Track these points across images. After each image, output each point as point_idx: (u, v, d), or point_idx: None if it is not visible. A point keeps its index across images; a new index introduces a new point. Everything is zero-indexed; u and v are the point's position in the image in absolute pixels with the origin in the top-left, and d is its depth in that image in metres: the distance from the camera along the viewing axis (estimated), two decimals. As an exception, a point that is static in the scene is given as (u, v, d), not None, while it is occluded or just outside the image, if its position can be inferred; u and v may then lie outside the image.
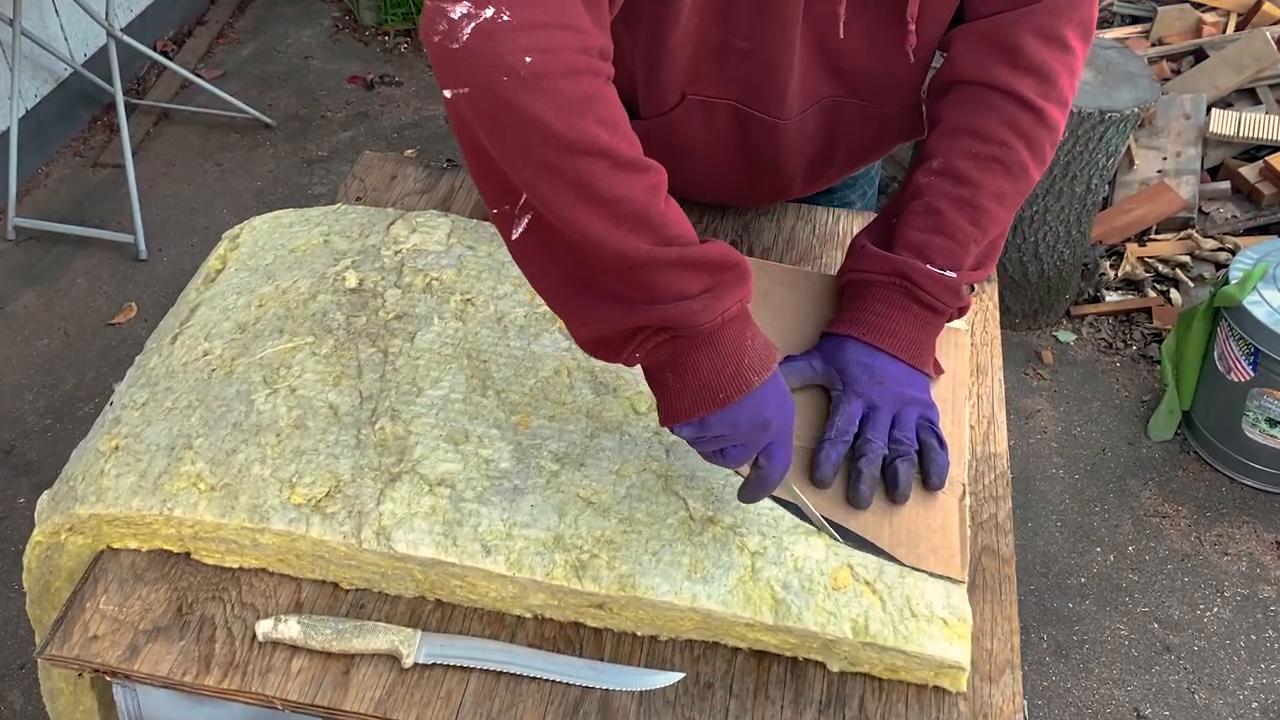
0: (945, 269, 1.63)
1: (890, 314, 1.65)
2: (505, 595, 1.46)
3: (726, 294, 1.31)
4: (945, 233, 1.64)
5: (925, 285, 1.63)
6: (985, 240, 1.67)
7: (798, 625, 1.38)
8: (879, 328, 1.64)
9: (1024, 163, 1.66)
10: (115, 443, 1.56)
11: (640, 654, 1.46)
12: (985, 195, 1.65)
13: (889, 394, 1.60)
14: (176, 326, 1.72)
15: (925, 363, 1.65)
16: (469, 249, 1.78)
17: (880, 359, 1.63)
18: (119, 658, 1.43)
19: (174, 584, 1.51)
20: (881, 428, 1.57)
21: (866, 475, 1.53)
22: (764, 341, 1.37)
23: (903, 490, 1.53)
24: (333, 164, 4.73)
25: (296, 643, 1.43)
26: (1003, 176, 1.65)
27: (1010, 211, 1.68)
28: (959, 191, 1.65)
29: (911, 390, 1.62)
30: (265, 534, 1.46)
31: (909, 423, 1.58)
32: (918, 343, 1.65)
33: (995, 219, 1.66)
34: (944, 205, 1.65)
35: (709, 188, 1.99)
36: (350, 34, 5.55)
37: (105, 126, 4.83)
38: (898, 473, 1.53)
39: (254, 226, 1.89)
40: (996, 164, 1.65)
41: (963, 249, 1.64)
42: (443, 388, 1.58)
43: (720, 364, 1.31)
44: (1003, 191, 1.66)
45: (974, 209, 1.65)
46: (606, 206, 1.23)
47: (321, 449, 1.52)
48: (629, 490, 1.49)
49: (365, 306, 1.68)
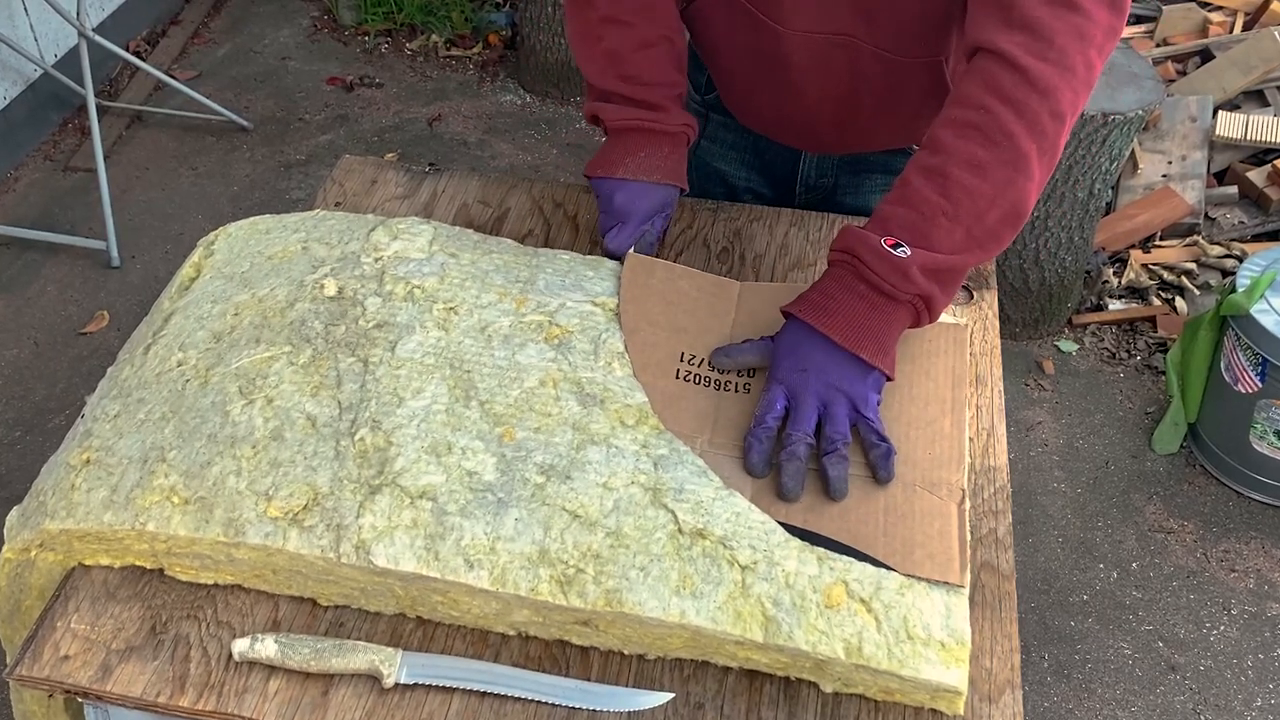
0: (905, 243, 1.57)
1: (832, 291, 1.62)
2: (489, 612, 1.47)
3: (633, 114, 1.95)
4: (909, 203, 1.60)
5: (870, 263, 1.58)
6: (960, 214, 1.58)
7: (788, 644, 1.38)
8: (817, 305, 1.62)
9: (1008, 130, 1.57)
10: (86, 456, 1.56)
11: (629, 673, 1.47)
12: (956, 163, 1.58)
13: (812, 382, 1.58)
14: (150, 336, 1.72)
15: (867, 350, 1.58)
16: (451, 256, 1.78)
17: (812, 340, 1.60)
18: (91, 678, 1.43)
19: (147, 602, 1.51)
20: (802, 420, 1.56)
21: (788, 470, 1.54)
22: (651, 163, 1.92)
23: (835, 489, 1.53)
24: (311, 168, 4.73)
25: (274, 662, 1.43)
26: (979, 143, 1.58)
27: (994, 185, 1.58)
28: (929, 160, 1.61)
29: (843, 380, 1.58)
30: (241, 548, 1.46)
31: (839, 417, 1.56)
32: (860, 327, 1.59)
33: (970, 191, 1.57)
34: (912, 174, 1.62)
35: (749, 109, 2.09)
36: (329, 34, 5.56)
37: (76, 129, 4.83)
38: (826, 471, 1.53)
39: (230, 233, 1.89)
40: (973, 129, 1.59)
41: (927, 221, 1.58)
42: (424, 398, 1.58)
43: (612, 149, 1.95)
44: (978, 160, 1.57)
45: (943, 177, 1.58)
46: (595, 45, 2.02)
47: (299, 461, 1.52)
48: (616, 503, 1.49)
49: (345, 315, 1.68)
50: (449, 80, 5.29)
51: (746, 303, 1.78)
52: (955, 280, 1.63)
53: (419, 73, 5.32)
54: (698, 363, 1.69)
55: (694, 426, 1.61)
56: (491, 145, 4.89)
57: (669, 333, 1.72)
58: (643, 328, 1.71)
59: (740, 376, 1.67)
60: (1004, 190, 1.59)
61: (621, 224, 1.90)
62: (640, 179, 1.91)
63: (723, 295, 1.79)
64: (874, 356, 1.58)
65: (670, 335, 1.71)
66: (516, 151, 4.86)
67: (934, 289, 1.59)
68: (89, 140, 4.39)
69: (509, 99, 5.18)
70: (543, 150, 4.88)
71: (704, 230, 2.04)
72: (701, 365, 1.69)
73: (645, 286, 1.77)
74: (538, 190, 2.12)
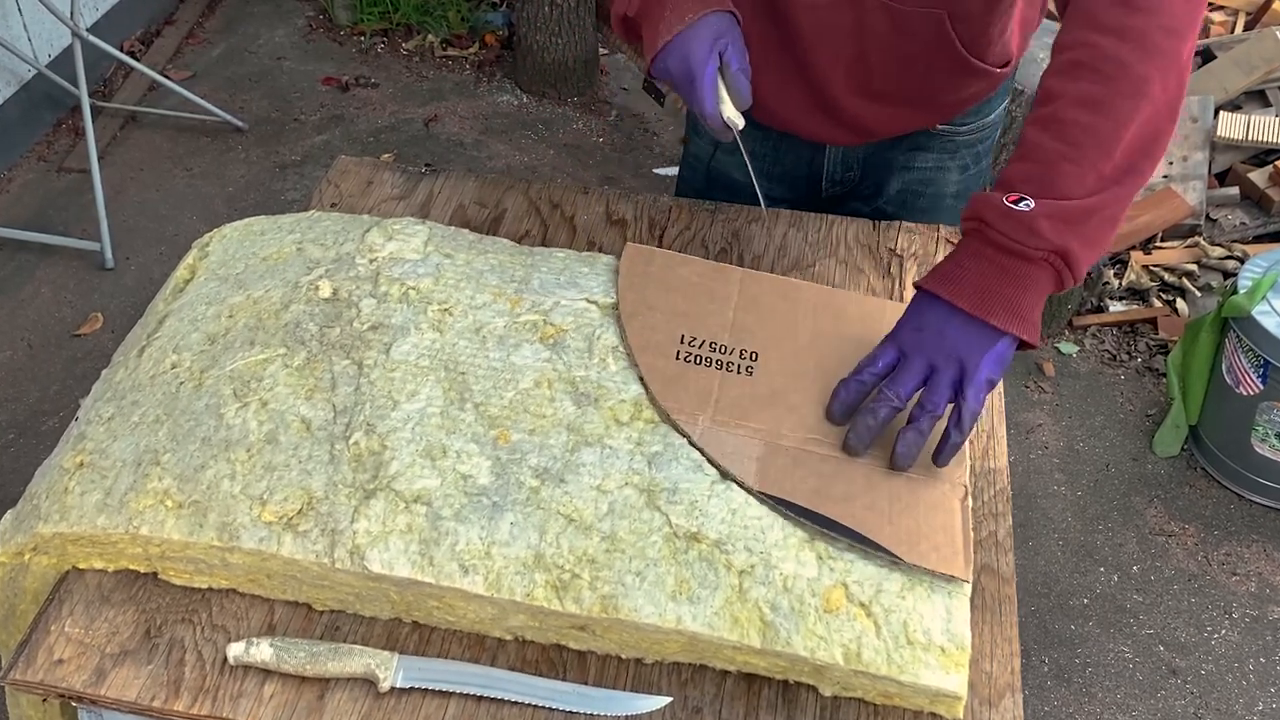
0: (1029, 196, 1.49)
1: (960, 259, 1.56)
2: (484, 616, 1.47)
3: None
4: (1027, 157, 1.53)
5: (994, 222, 1.51)
6: (1084, 155, 1.50)
7: (786, 649, 1.38)
8: (945, 274, 1.56)
9: (1118, 57, 1.50)
10: (80, 459, 1.56)
11: (626, 677, 1.47)
12: (1069, 104, 1.51)
13: (926, 342, 1.54)
14: (144, 338, 1.72)
15: (998, 315, 1.51)
16: (447, 257, 1.78)
17: (936, 308, 1.55)
18: (85, 682, 1.43)
19: (142, 605, 1.51)
20: (901, 381, 1.54)
21: (860, 425, 1.54)
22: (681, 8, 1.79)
23: (900, 460, 1.52)
24: (306, 169, 4.73)
25: (269, 666, 1.43)
26: (1090, 79, 1.51)
27: (1115, 118, 1.49)
28: (1041, 110, 1.54)
29: (959, 346, 1.53)
30: (235, 553, 1.47)
31: (940, 386, 1.52)
32: (989, 291, 1.52)
33: (1090, 129, 1.49)
34: (1027, 129, 1.54)
35: (764, 98, 1.98)
36: (324, 34, 5.55)
37: (70, 130, 4.83)
38: (902, 440, 1.52)
39: (224, 234, 1.89)
40: (1080, 67, 1.52)
41: (1049, 169, 1.50)
42: (419, 401, 1.58)
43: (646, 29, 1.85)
44: (1092, 96, 1.50)
45: (1058, 123, 1.51)
46: None
47: (294, 464, 1.52)
48: (611, 506, 1.49)
49: (340, 317, 1.68)
50: (445, 80, 5.29)
51: (748, 290, 1.78)
52: (1098, 229, 1.53)
53: (415, 73, 5.32)
54: (698, 344, 1.69)
55: (696, 405, 1.61)
56: (488, 146, 4.89)
57: (668, 316, 1.72)
58: (642, 312, 1.72)
59: (744, 358, 1.68)
60: (1128, 121, 1.50)
61: (691, 83, 1.80)
62: (676, 31, 1.79)
63: (723, 281, 1.80)
64: (1006, 322, 1.51)
65: (670, 319, 1.72)
66: (513, 152, 4.86)
67: (1069, 241, 1.49)
68: (83, 141, 4.39)
69: (505, 99, 5.18)
70: (539, 151, 4.88)
71: (702, 231, 2.04)
72: (702, 346, 1.69)
73: (644, 274, 1.78)
74: (534, 191, 2.12)
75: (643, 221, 2.05)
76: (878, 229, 2.04)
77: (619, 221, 2.05)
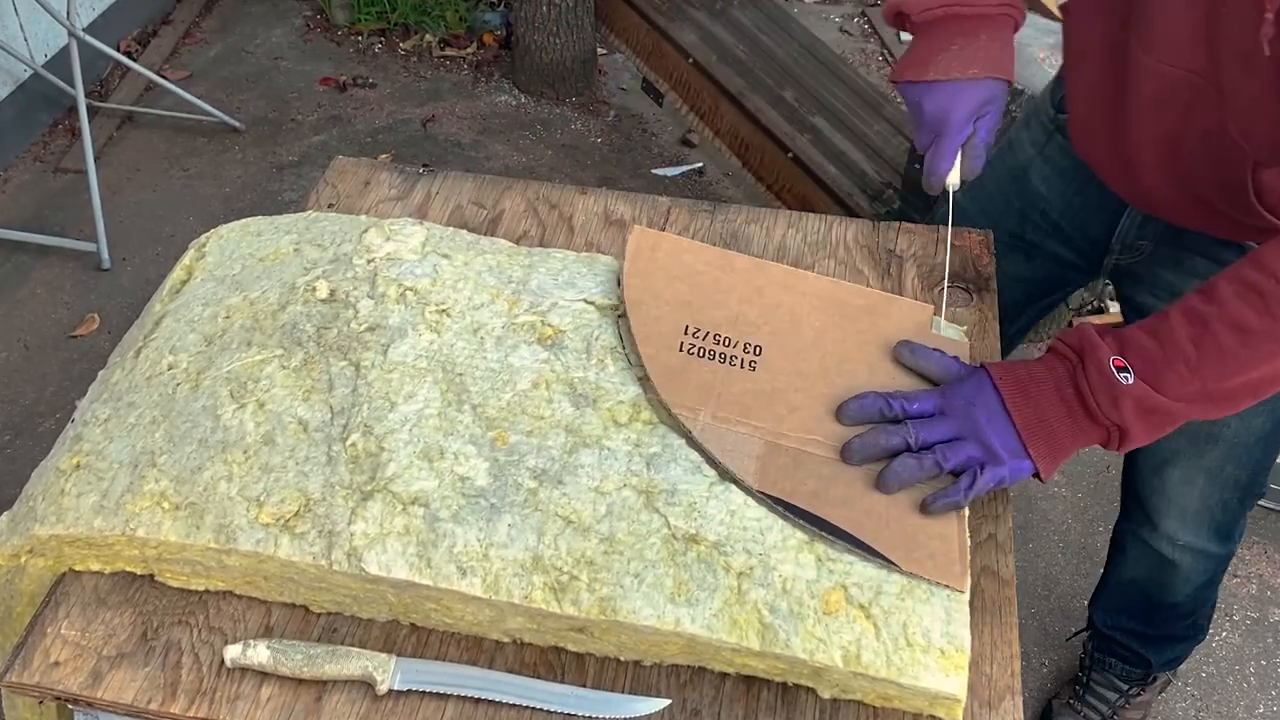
0: (1134, 371, 1.50)
1: (1040, 377, 1.57)
2: (482, 619, 1.47)
3: None
4: (1158, 336, 1.52)
5: (1089, 373, 1.53)
6: (1204, 369, 1.50)
7: (785, 651, 1.38)
8: (1019, 381, 1.57)
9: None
10: (76, 460, 1.56)
11: (625, 679, 1.47)
12: (1223, 319, 1.49)
13: (968, 421, 1.56)
14: (140, 339, 1.72)
15: (1037, 447, 1.54)
16: (444, 258, 1.78)
17: (993, 406, 1.56)
18: (81, 684, 1.43)
19: (138, 607, 1.51)
20: (931, 431, 1.55)
21: (870, 441, 1.55)
22: (967, 55, 1.78)
23: (889, 477, 1.53)
24: (304, 169, 4.73)
25: (266, 669, 1.43)
26: (1255, 309, 1.48)
27: (1251, 353, 1.49)
28: (1199, 305, 1.52)
29: (994, 446, 1.54)
30: (232, 555, 1.47)
31: (960, 454, 1.53)
32: (1045, 425, 1.54)
33: (1225, 351, 1.49)
34: (1175, 311, 1.53)
35: (1082, 131, 1.96)
36: (322, 34, 5.55)
37: (67, 130, 4.82)
38: (902, 463, 1.53)
39: (221, 235, 1.89)
40: (1254, 293, 1.49)
41: (1167, 362, 1.50)
42: (417, 402, 1.58)
43: (918, 48, 1.82)
44: (1247, 324, 1.48)
45: (1203, 327, 1.50)
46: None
47: (291, 466, 1.52)
48: (609, 508, 1.49)
49: (337, 318, 1.68)
50: (443, 81, 5.28)
51: (754, 280, 1.78)
52: (1165, 425, 1.56)
53: (413, 73, 5.32)
54: (702, 335, 1.69)
55: (697, 399, 1.61)
56: (486, 146, 4.89)
57: (673, 306, 1.72)
58: (646, 301, 1.72)
59: (747, 352, 1.68)
60: (1259, 362, 1.51)
61: (937, 138, 1.80)
62: (953, 77, 1.78)
63: (729, 270, 1.80)
64: (1040, 454, 1.54)
65: (674, 309, 1.72)
66: (511, 152, 4.86)
67: (1138, 426, 1.53)
68: (79, 141, 4.38)
69: (504, 99, 5.18)
70: (538, 151, 4.88)
71: (701, 231, 2.04)
72: (706, 338, 1.69)
73: (650, 260, 1.78)
74: (532, 191, 2.12)
75: (641, 222, 2.05)
76: (877, 229, 2.04)
77: (617, 222, 2.05)
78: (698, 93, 4.54)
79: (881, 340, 1.71)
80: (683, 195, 4.23)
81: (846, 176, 3.92)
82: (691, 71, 4.53)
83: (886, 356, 1.69)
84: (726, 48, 4.49)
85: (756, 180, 4.33)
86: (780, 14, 4.68)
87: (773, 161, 4.18)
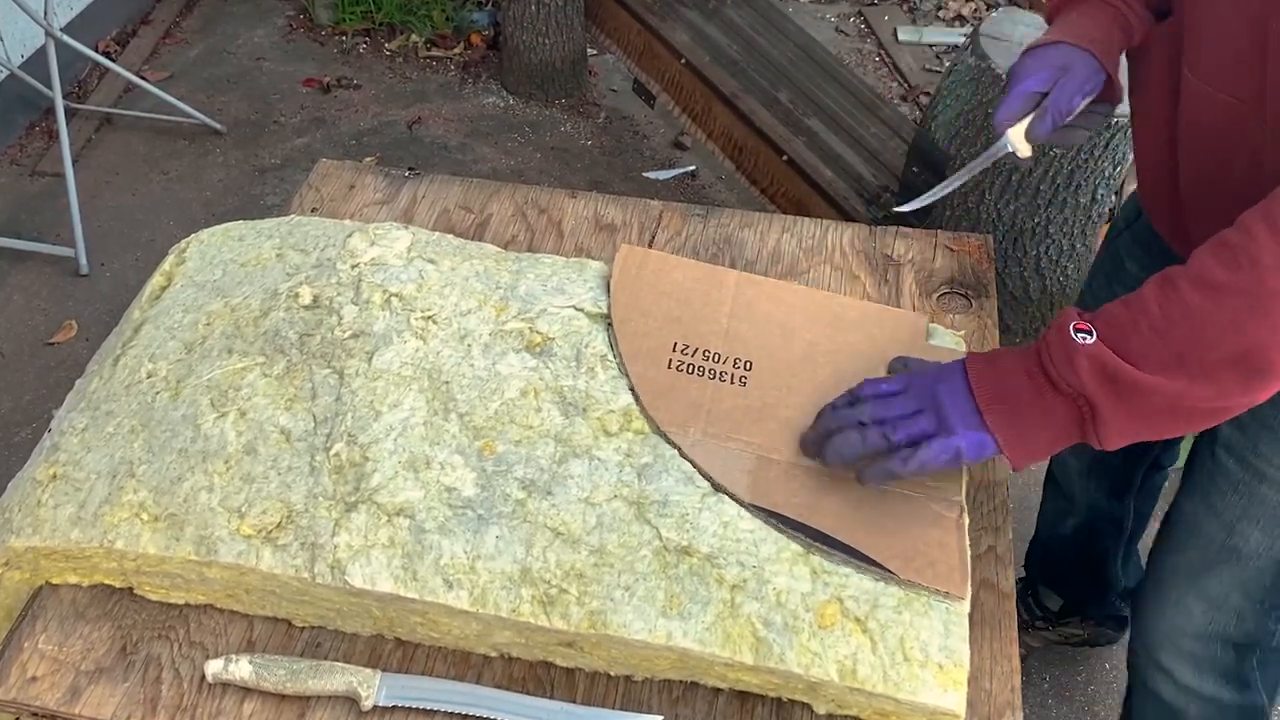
0: (1096, 332, 1.43)
1: (1008, 353, 1.53)
2: (469, 633, 1.47)
3: None
4: (1127, 300, 1.45)
5: (1049, 337, 1.47)
6: (1171, 333, 1.40)
7: (780, 666, 1.39)
8: (987, 356, 1.54)
9: (1258, 258, 1.37)
10: (53, 471, 1.56)
11: (616, 695, 1.47)
12: (1190, 275, 1.41)
13: (928, 393, 1.53)
14: (119, 346, 1.72)
15: (994, 414, 1.48)
16: (430, 263, 1.78)
17: (955, 379, 1.52)
18: (59, 700, 1.43)
19: (117, 621, 1.51)
20: (887, 406, 1.54)
21: (823, 421, 1.58)
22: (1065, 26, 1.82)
23: (826, 451, 1.55)
24: (286, 172, 4.73)
25: (248, 684, 1.43)
26: (1222, 262, 1.39)
27: (1220, 314, 1.38)
28: (1173, 267, 1.44)
29: (951, 413, 1.50)
30: (213, 567, 1.47)
31: (911, 427, 1.51)
32: (1004, 394, 1.48)
33: (1191, 311, 1.39)
34: (1150, 282, 1.45)
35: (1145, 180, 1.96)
36: (305, 34, 5.55)
37: (44, 132, 4.82)
38: (842, 437, 1.54)
39: (202, 239, 1.89)
40: (1224, 246, 1.41)
41: (1131, 325, 1.43)
42: (402, 411, 1.58)
43: None
44: (1213, 280, 1.39)
45: (1171, 287, 1.41)
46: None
47: (273, 476, 1.52)
48: (599, 519, 1.49)
49: (320, 324, 1.68)
50: (429, 82, 5.28)
51: (743, 294, 1.79)
52: (1145, 408, 1.44)
53: (398, 74, 5.32)
54: (691, 352, 1.69)
55: (686, 416, 1.61)
56: (473, 149, 4.89)
57: (661, 323, 1.72)
58: (634, 318, 1.72)
59: (738, 368, 1.68)
60: (1234, 329, 1.38)
61: (1008, 88, 1.79)
62: (1053, 38, 1.80)
63: (718, 285, 1.80)
64: (998, 427, 1.48)
65: (663, 325, 1.72)
66: (499, 155, 4.86)
67: (1102, 395, 1.43)
68: (56, 144, 4.38)
69: (491, 101, 5.18)
70: (526, 154, 4.88)
71: (693, 236, 2.04)
72: (695, 354, 1.69)
73: (638, 277, 1.78)
74: (521, 195, 2.12)
75: (632, 226, 2.05)
76: (874, 234, 2.05)
77: (608, 226, 2.06)
78: (690, 94, 4.54)
79: (876, 352, 1.71)
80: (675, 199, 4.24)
81: (842, 180, 3.93)
82: (684, 72, 4.54)
83: (880, 369, 1.69)
84: (720, 48, 4.49)
85: (750, 183, 4.33)
86: (775, 14, 4.68)
87: (767, 164, 4.19)
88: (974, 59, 3.54)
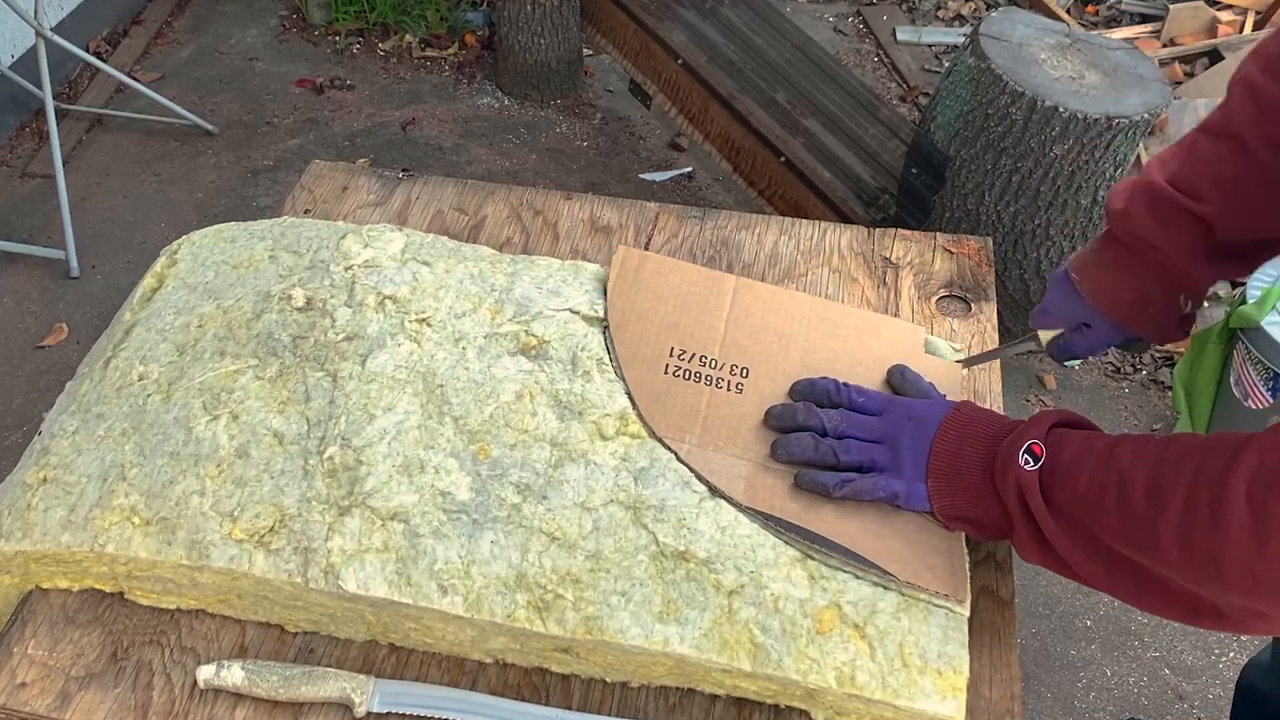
0: (1041, 460, 1.39)
1: (983, 423, 1.51)
2: (464, 638, 1.47)
3: None
4: (1091, 444, 1.37)
5: (1011, 440, 1.44)
6: (1097, 511, 1.32)
7: (777, 672, 1.39)
8: (965, 418, 1.53)
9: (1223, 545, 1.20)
10: (43, 474, 1.56)
11: (611, 702, 1.47)
12: (1152, 481, 1.27)
13: (897, 429, 1.55)
14: (110, 349, 1.72)
15: (937, 481, 1.50)
16: (425, 265, 1.78)
17: (926, 431, 1.53)
18: (49, 706, 1.43)
19: (108, 627, 1.51)
20: (855, 423, 1.57)
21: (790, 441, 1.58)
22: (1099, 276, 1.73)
23: (778, 451, 1.57)
24: (279, 174, 4.73)
25: (240, 690, 1.43)
26: (1188, 508, 1.23)
27: (1121, 526, 1.29)
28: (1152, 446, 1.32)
29: (905, 457, 1.53)
30: (204, 572, 1.46)
31: (864, 453, 1.55)
32: (956, 466, 1.49)
33: (1129, 509, 1.29)
34: (1123, 441, 1.35)
35: None
36: (298, 34, 5.55)
37: (34, 133, 4.82)
38: (795, 440, 1.57)
39: (194, 241, 1.89)
40: (1199, 494, 1.25)
41: (1068, 475, 1.36)
42: (396, 414, 1.58)
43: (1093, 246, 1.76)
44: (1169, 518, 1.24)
45: (1134, 472, 1.29)
46: None
47: (265, 480, 1.52)
48: (595, 524, 1.49)
49: (314, 327, 1.68)
50: (424, 82, 5.29)
51: (741, 300, 1.79)
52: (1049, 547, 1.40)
53: (392, 74, 5.32)
54: (688, 357, 1.69)
55: (682, 423, 1.62)
56: (468, 150, 4.89)
57: (658, 327, 1.72)
58: (631, 322, 1.72)
59: (734, 374, 1.68)
60: (1126, 537, 1.30)
61: (1049, 289, 1.78)
62: (1073, 283, 1.75)
63: (716, 290, 1.80)
64: (936, 491, 1.50)
65: (660, 330, 1.72)
66: (494, 157, 4.86)
67: (1019, 517, 1.41)
68: (47, 145, 4.39)
69: (486, 102, 5.18)
70: (521, 155, 4.88)
71: (690, 239, 2.04)
72: (692, 360, 1.69)
73: (635, 280, 1.78)
74: (516, 197, 2.12)
75: (628, 228, 2.05)
76: (872, 236, 2.05)
77: (604, 228, 2.06)
78: (687, 95, 4.55)
79: (872, 361, 1.71)
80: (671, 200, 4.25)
81: (841, 181, 3.93)
82: (681, 73, 4.54)
83: (877, 378, 1.69)
84: (717, 48, 4.49)
85: (748, 185, 4.33)
86: (772, 13, 4.68)
87: (764, 166, 4.19)
88: (973, 59, 3.54)
